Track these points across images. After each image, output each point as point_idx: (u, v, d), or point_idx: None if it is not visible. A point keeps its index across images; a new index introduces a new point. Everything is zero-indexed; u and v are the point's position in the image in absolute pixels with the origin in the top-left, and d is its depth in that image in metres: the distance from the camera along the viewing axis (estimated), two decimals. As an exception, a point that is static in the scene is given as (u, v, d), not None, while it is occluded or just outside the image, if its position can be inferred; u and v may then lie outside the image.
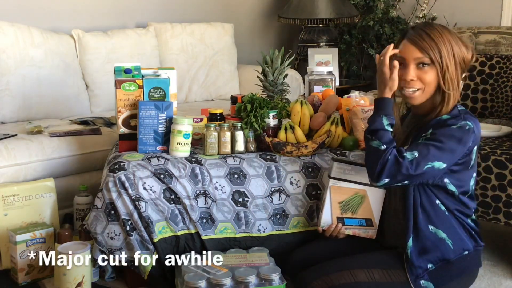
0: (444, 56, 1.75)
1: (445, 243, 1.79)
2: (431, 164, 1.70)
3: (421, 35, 1.78)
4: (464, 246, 1.81)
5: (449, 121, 1.75)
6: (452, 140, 1.71)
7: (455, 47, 1.77)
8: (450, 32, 1.79)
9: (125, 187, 2.03)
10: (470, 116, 1.77)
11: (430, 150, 1.70)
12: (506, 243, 2.57)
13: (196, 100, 3.74)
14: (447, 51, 1.76)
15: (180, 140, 2.13)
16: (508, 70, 2.83)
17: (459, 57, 1.77)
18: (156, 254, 2.04)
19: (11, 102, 2.95)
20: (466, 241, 1.82)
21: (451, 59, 1.76)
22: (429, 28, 1.79)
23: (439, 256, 1.79)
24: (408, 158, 1.70)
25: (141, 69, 2.29)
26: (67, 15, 3.43)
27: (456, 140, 1.72)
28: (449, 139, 1.71)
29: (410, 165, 1.70)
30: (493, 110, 2.87)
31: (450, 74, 1.77)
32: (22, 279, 2.20)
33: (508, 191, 2.22)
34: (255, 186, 2.14)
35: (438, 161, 1.71)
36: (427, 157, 1.70)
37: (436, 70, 1.76)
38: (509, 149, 2.34)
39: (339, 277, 1.77)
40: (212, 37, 3.80)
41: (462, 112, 1.79)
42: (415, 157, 1.70)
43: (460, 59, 1.77)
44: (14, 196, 2.32)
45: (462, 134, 1.72)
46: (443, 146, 1.71)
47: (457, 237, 1.80)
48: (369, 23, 4.33)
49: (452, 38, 1.77)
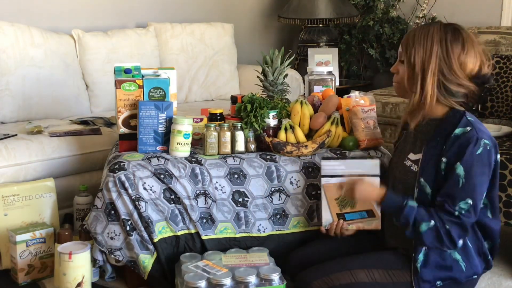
0: (415, 56, 1.74)
1: (459, 265, 1.76)
2: (483, 196, 1.72)
3: (409, 33, 1.81)
4: (476, 270, 1.80)
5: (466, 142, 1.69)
6: (484, 166, 1.70)
7: (444, 50, 1.72)
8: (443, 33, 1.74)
9: (125, 187, 2.03)
10: (482, 130, 1.73)
11: (476, 188, 1.69)
12: (506, 243, 2.57)
13: (196, 100, 3.74)
14: (422, 52, 1.73)
15: (180, 140, 2.13)
16: (508, 70, 2.83)
17: (448, 61, 1.72)
18: (156, 254, 2.04)
19: (11, 102, 2.95)
20: (479, 265, 1.80)
21: (424, 61, 1.73)
22: (422, 26, 1.79)
23: (449, 275, 1.77)
24: (463, 208, 1.68)
25: (141, 69, 2.29)
26: (67, 15, 3.43)
27: (487, 164, 1.71)
28: (481, 167, 1.69)
29: (469, 214, 1.69)
30: (493, 110, 2.87)
31: (417, 75, 1.74)
32: (22, 279, 2.20)
33: (508, 191, 2.22)
34: (255, 186, 2.14)
35: (484, 191, 1.72)
36: (477, 196, 1.69)
37: (407, 66, 1.78)
38: (509, 149, 2.34)
39: (339, 277, 1.77)
40: (212, 37, 3.80)
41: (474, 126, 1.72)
42: (470, 204, 1.68)
43: (449, 64, 1.72)
44: (14, 196, 2.32)
45: (488, 156, 1.71)
46: (481, 179, 1.70)
47: (472, 261, 1.78)
48: (369, 23, 4.33)
49: (436, 42, 1.72)
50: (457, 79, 1.72)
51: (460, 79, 1.72)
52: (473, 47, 1.74)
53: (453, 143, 1.71)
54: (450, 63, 1.71)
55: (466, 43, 1.74)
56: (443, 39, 1.73)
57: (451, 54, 1.72)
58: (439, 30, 1.75)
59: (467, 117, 1.75)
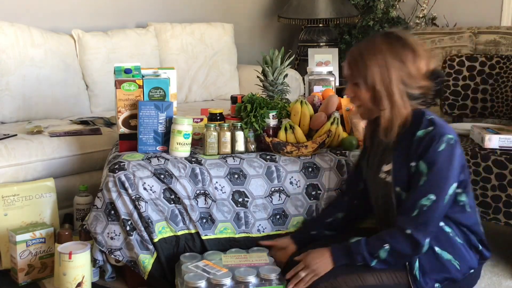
0: (372, 75, 1.71)
1: (452, 264, 1.77)
2: (449, 192, 1.69)
3: (351, 53, 1.77)
4: (471, 264, 1.80)
5: (430, 141, 1.70)
6: (448, 161, 1.68)
7: (398, 60, 1.70)
8: (389, 44, 1.72)
9: (125, 187, 2.03)
10: (444, 125, 1.73)
11: (440, 184, 1.68)
12: (506, 243, 2.57)
13: (196, 100, 3.74)
14: (378, 68, 1.71)
15: (180, 140, 2.13)
16: (508, 70, 2.83)
17: (406, 69, 1.71)
18: (156, 254, 2.04)
19: (11, 102, 2.95)
20: (473, 259, 1.80)
21: (384, 76, 1.70)
22: (365, 43, 1.76)
23: (446, 276, 1.77)
24: (425, 205, 1.67)
25: (141, 69, 2.29)
26: (67, 15, 3.43)
27: (452, 159, 1.69)
28: (446, 163, 1.68)
29: (430, 210, 1.68)
30: (493, 110, 2.87)
31: (380, 92, 1.72)
32: (22, 279, 2.20)
33: (508, 191, 2.22)
34: (255, 186, 2.13)
35: (450, 185, 1.70)
36: (441, 191, 1.68)
37: (366, 87, 1.75)
38: (509, 149, 2.34)
39: (347, 280, 1.75)
40: (212, 37, 3.80)
41: (435, 124, 1.72)
42: (433, 200, 1.67)
43: (407, 71, 1.71)
44: (14, 196, 2.32)
45: (452, 150, 1.69)
46: (446, 174, 1.68)
47: (463, 257, 1.78)
48: (369, 23, 4.33)
49: (388, 54, 1.71)
50: (417, 83, 1.72)
51: (419, 81, 1.72)
52: (420, 47, 1.74)
53: (418, 146, 1.72)
54: (407, 70, 1.71)
55: (414, 46, 1.73)
56: (394, 50, 1.71)
57: (406, 62, 1.71)
58: (385, 42, 1.73)
59: (427, 116, 1.74)
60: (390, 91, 1.71)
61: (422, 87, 1.73)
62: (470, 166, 2.28)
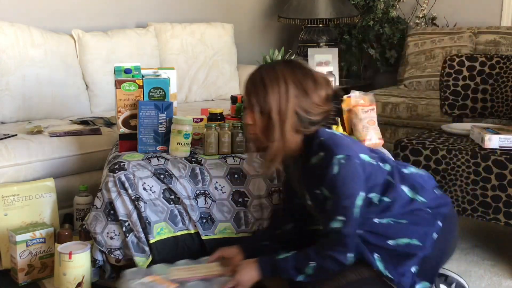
0: (270, 102, 1.68)
1: (413, 244, 1.75)
2: (356, 206, 1.68)
3: (251, 79, 1.75)
4: (431, 231, 1.77)
5: (323, 168, 1.68)
6: (346, 180, 1.67)
7: (300, 89, 1.68)
8: (292, 72, 1.70)
9: (125, 187, 2.03)
10: (334, 144, 1.70)
11: (345, 204, 1.67)
12: (506, 243, 2.57)
13: (196, 100, 3.74)
14: (278, 96, 1.67)
15: (180, 140, 2.13)
16: (508, 70, 2.83)
17: (308, 98, 1.69)
18: (152, 257, 2.03)
19: (11, 102, 2.95)
20: (429, 226, 1.77)
21: (281, 105, 1.67)
22: (266, 70, 1.73)
23: (418, 257, 1.75)
24: (336, 227, 1.67)
25: (141, 69, 2.29)
26: (67, 15, 3.43)
27: (349, 176, 1.67)
28: (345, 183, 1.67)
29: (344, 229, 1.67)
30: (493, 110, 2.87)
31: (274, 121, 1.69)
32: (22, 279, 2.20)
33: (508, 191, 2.22)
34: (255, 186, 2.13)
35: (356, 199, 1.68)
36: (348, 210, 1.67)
37: (261, 114, 1.72)
38: (509, 149, 2.34)
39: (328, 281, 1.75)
40: (212, 37, 3.80)
41: (324, 147, 1.70)
42: (343, 221, 1.67)
43: (309, 100, 1.69)
44: (14, 196, 2.32)
45: (347, 169, 1.66)
46: (348, 192, 1.67)
47: (418, 232, 1.76)
48: (369, 23, 4.33)
49: (290, 82, 1.68)
50: (318, 109, 1.71)
51: (321, 108, 1.71)
52: (319, 75, 1.74)
53: (314, 173, 1.73)
54: (310, 99, 1.69)
55: (314, 75, 1.72)
56: (296, 79, 1.69)
57: (308, 90, 1.69)
58: (287, 70, 1.70)
59: (316, 140, 1.73)
60: (283, 121, 1.68)
61: (324, 112, 1.73)
62: (470, 166, 2.28)
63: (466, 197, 2.31)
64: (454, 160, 2.32)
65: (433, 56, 3.98)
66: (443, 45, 3.97)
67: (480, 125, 2.57)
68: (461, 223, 2.77)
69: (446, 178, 2.34)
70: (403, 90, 4.02)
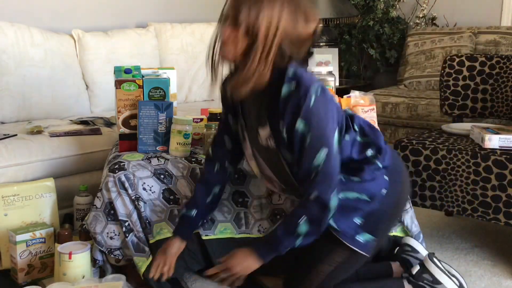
0: (259, 21, 1.54)
1: (361, 200, 1.72)
2: (335, 138, 1.62)
3: None
4: (379, 187, 1.75)
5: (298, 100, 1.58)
6: (322, 110, 1.59)
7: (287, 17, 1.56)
8: None
9: (125, 187, 2.03)
10: (305, 77, 1.60)
11: (325, 133, 1.60)
12: (506, 243, 2.57)
13: (196, 100, 3.74)
14: (266, 19, 1.54)
15: (180, 140, 2.13)
16: (508, 70, 2.83)
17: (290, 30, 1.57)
18: (152, 257, 2.02)
19: (11, 102, 2.95)
20: (377, 182, 1.75)
21: (270, 28, 1.55)
22: None
23: (365, 210, 1.73)
24: (321, 162, 1.60)
25: (141, 69, 2.29)
26: (67, 15, 3.43)
27: (324, 105, 1.60)
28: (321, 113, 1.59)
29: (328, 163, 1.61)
30: (493, 110, 2.87)
31: (258, 45, 1.56)
32: (22, 279, 2.20)
33: (508, 191, 2.22)
34: (255, 186, 2.13)
35: (336, 130, 1.62)
36: (329, 140, 1.60)
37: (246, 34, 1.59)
38: (509, 149, 2.33)
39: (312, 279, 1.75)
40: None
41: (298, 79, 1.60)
42: (326, 153, 1.59)
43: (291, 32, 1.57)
44: (14, 196, 2.32)
45: (323, 99, 1.59)
46: (326, 122, 1.60)
47: (368, 187, 1.73)
48: (369, 23, 4.33)
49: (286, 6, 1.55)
50: (302, 44, 1.62)
51: (305, 43, 1.62)
52: (312, 11, 1.61)
53: (286, 106, 1.61)
54: (297, 30, 1.58)
55: (307, 10, 1.60)
56: (293, 3, 1.57)
57: (299, 21, 1.58)
58: None
59: (288, 72, 1.62)
60: (270, 47, 1.56)
61: (305, 48, 1.64)
62: (470, 166, 2.28)
63: (466, 197, 2.31)
64: (454, 160, 2.32)
65: (433, 56, 3.98)
66: (443, 45, 3.97)
67: (480, 125, 2.56)
68: (461, 223, 2.78)
69: (446, 178, 2.34)
70: (403, 90, 4.02)
